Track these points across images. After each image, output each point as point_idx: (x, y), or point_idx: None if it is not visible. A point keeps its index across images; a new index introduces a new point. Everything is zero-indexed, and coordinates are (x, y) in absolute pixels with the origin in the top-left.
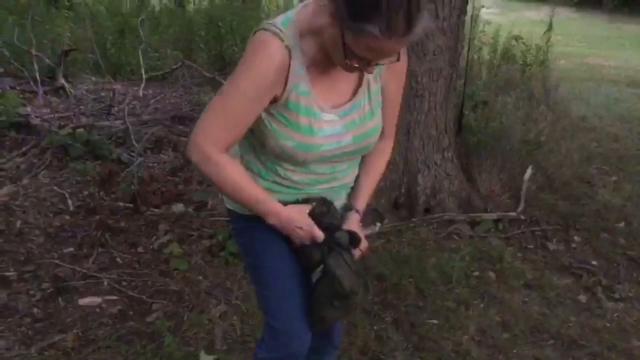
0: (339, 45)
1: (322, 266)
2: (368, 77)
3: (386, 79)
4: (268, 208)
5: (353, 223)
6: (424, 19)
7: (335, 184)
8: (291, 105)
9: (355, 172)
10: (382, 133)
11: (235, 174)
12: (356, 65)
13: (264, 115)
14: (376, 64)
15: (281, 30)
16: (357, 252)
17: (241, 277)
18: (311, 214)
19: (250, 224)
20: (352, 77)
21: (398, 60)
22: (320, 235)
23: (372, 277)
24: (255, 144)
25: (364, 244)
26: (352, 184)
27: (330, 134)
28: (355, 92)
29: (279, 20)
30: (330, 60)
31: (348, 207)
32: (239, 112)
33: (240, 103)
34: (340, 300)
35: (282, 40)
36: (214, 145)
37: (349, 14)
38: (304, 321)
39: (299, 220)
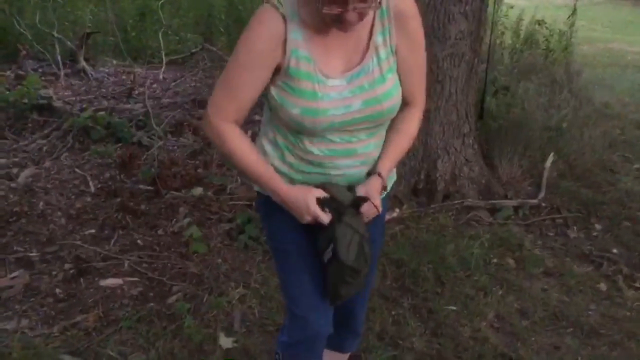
0: None
1: (331, 245)
2: (376, 41)
3: (397, 45)
4: (271, 184)
5: (371, 187)
6: None
7: (357, 160)
8: (292, 72)
9: (378, 150)
10: (409, 100)
11: (241, 146)
12: (338, 11)
13: (272, 88)
14: (354, 11)
15: (279, 1)
16: (366, 214)
17: (260, 261)
18: (319, 200)
19: (274, 208)
20: (360, 43)
21: (379, 5)
22: (324, 218)
23: (390, 263)
24: (275, 119)
25: (369, 208)
26: (367, 165)
27: (337, 98)
28: (363, 58)
29: None
30: (329, 25)
31: (371, 172)
32: (239, 82)
33: (239, 73)
34: (351, 276)
35: (278, 10)
36: (221, 117)
37: None
38: (325, 307)
39: (300, 199)
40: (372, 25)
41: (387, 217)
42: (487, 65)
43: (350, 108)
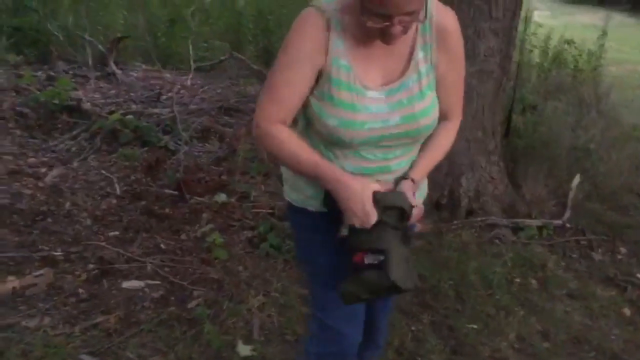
0: (359, 7)
1: (381, 255)
2: (417, 57)
3: (438, 60)
4: (328, 172)
5: (406, 190)
6: None
7: (389, 176)
8: (333, 80)
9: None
10: (446, 114)
11: (291, 143)
12: (381, 26)
13: (310, 97)
14: (400, 24)
15: (323, 6)
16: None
17: (280, 270)
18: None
19: (307, 219)
20: (401, 57)
21: (424, 19)
22: (372, 219)
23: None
24: (310, 132)
25: (416, 213)
26: None
27: (375, 112)
28: (403, 73)
29: None
30: (372, 37)
31: (403, 177)
32: (283, 83)
33: (282, 75)
34: (388, 292)
35: (323, 14)
36: (267, 120)
37: None
38: (358, 319)
39: (358, 193)
40: (414, 40)
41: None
42: (515, 83)
43: (387, 122)
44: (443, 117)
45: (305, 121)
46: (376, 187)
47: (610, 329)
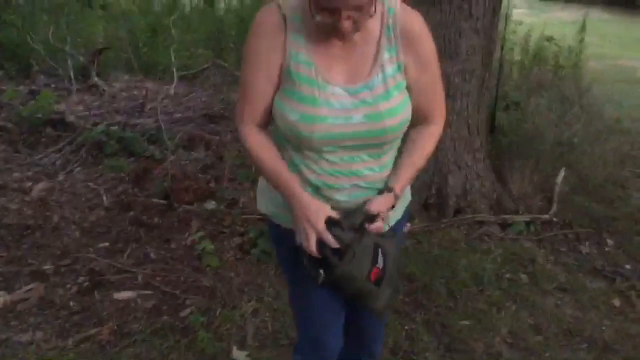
0: (308, 4)
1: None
2: (382, 58)
3: (406, 64)
4: (289, 185)
5: (382, 204)
6: None
7: (362, 182)
8: (292, 75)
9: (383, 174)
10: (425, 117)
11: (259, 146)
12: (329, 21)
13: (276, 97)
14: (348, 19)
15: (282, 1)
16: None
17: (272, 274)
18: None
19: (284, 233)
20: (366, 58)
21: (373, 13)
22: (328, 239)
23: (402, 277)
24: (280, 133)
25: (376, 225)
26: (376, 187)
27: (337, 107)
28: (369, 73)
29: None
30: (328, 34)
31: (385, 188)
32: (248, 85)
33: (245, 76)
34: (347, 284)
35: (280, 8)
36: (243, 122)
37: None
38: (335, 325)
39: (313, 209)
40: (380, 41)
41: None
42: (498, 80)
43: (350, 120)
44: (424, 120)
45: (273, 121)
46: (332, 213)
47: (601, 320)
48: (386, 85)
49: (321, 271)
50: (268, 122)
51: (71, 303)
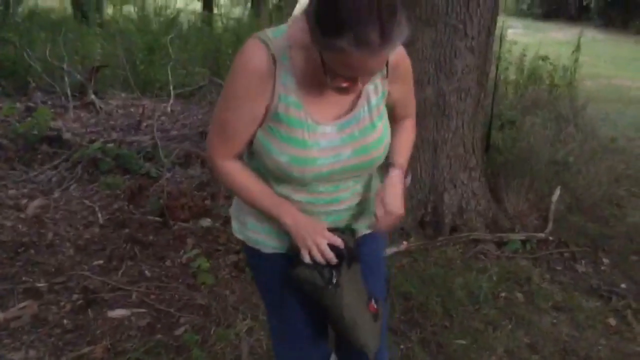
0: (320, 64)
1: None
2: (368, 89)
3: (390, 89)
4: (284, 207)
5: (394, 180)
6: (400, 28)
7: (342, 205)
8: (281, 117)
9: (361, 195)
10: (404, 117)
11: (245, 179)
12: (344, 86)
13: (259, 131)
14: (363, 81)
15: (270, 39)
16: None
17: None
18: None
19: (262, 258)
20: None
21: (387, 74)
22: (330, 255)
23: (398, 296)
24: (256, 164)
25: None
26: (356, 207)
27: (326, 147)
28: (354, 105)
29: (270, 30)
30: (338, 90)
31: (387, 163)
32: (230, 121)
33: (227, 112)
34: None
35: (268, 48)
36: (219, 157)
37: (321, 30)
38: (319, 342)
39: (310, 225)
40: None
41: (395, 249)
42: (493, 99)
43: (339, 157)
44: (401, 119)
45: (248, 153)
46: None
47: (597, 340)
48: (371, 117)
49: (334, 271)
50: (244, 152)
51: (65, 321)
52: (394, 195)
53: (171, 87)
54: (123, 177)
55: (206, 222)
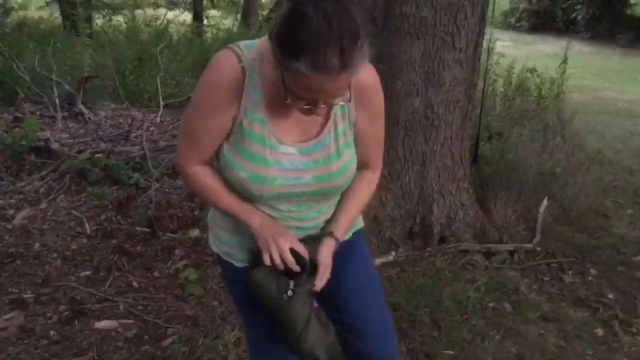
0: (281, 85)
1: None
2: (335, 116)
3: (357, 118)
4: (252, 209)
5: (325, 250)
6: (361, 53)
7: (307, 224)
8: (244, 131)
9: (328, 215)
10: (364, 165)
11: (211, 181)
12: (306, 107)
13: (225, 144)
14: (324, 105)
15: (242, 52)
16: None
17: None
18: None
19: (235, 273)
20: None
21: (349, 99)
22: (290, 260)
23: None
24: (224, 178)
25: (319, 280)
26: (324, 223)
27: (288, 168)
28: (320, 131)
29: (243, 43)
30: (301, 111)
31: (323, 233)
32: (198, 129)
33: (196, 120)
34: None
35: (240, 60)
36: (187, 161)
37: (281, 51)
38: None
39: (280, 232)
40: None
41: (383, 260)
42: (481, 111)
43: (300, 180)
44: (364, 167)
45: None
46: (296, 240)
47: (584, 350)
48: (337, 145)
49: (291, 281)
50: (213, 158)
51: (51, 332)
52: (324, 266)
53: (160, 98)
54: (111, 188)
55: (194, 232)
